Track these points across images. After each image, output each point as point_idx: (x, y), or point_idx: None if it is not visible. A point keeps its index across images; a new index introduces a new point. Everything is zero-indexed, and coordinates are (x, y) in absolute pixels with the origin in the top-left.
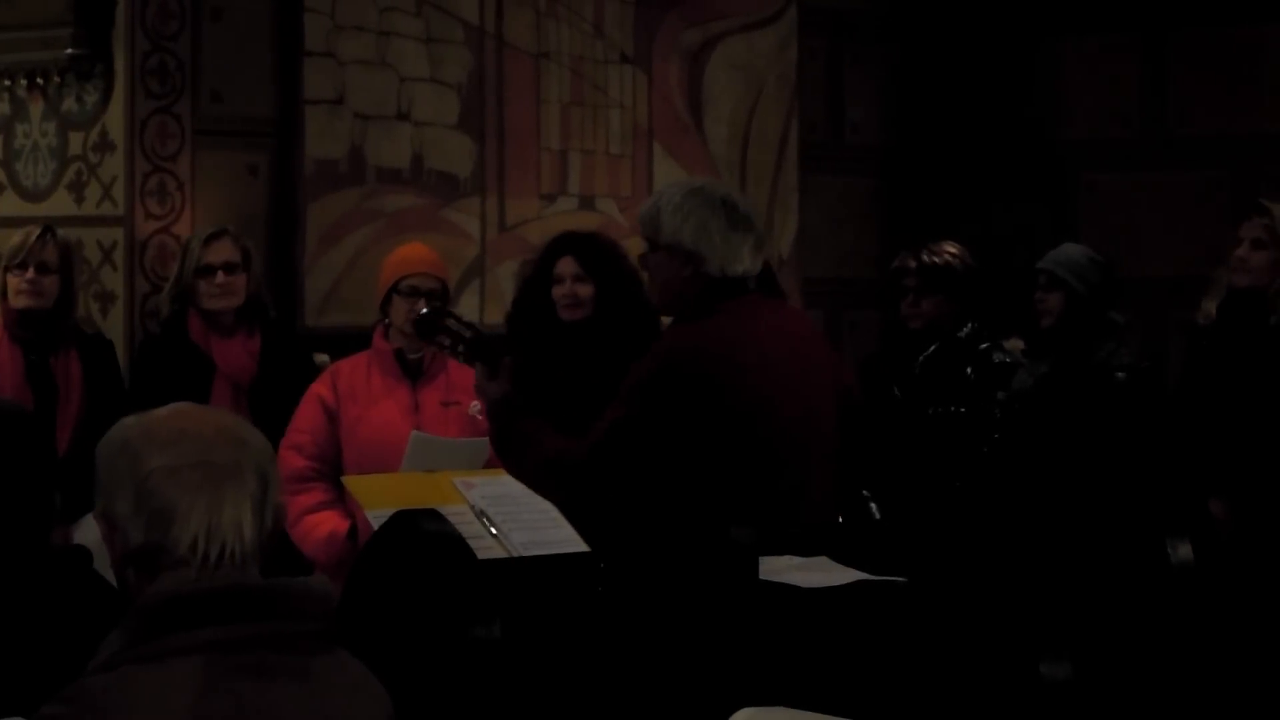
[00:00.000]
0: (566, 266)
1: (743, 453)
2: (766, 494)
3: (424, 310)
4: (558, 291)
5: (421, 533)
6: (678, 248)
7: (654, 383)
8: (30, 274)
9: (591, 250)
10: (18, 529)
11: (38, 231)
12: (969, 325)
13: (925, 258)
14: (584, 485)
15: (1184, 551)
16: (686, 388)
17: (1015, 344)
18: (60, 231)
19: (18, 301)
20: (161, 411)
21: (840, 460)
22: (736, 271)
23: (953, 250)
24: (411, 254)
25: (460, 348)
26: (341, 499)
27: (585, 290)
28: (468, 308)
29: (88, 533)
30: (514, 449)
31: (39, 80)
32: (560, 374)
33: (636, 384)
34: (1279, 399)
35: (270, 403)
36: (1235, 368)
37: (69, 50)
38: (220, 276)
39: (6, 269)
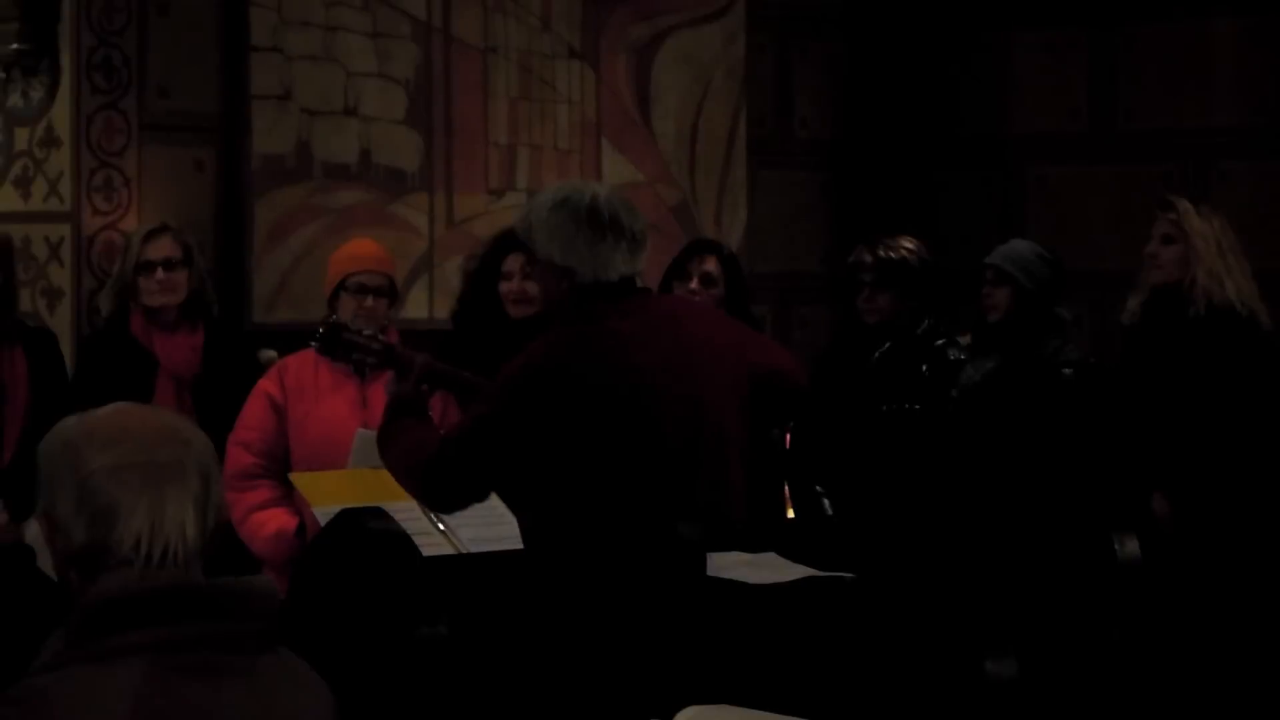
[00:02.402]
0: (514, 263)
1: (616, 452)
2: (653, 491)
3: (320, 330)
4: (505, 288)
5: (366, 531)
6: (550, 262)
7: (519, 383)
8: None
9: None
10: None
11: None
12: (925, 321)
13: (882, 252)
14: (428, 476)
15: (1130, 547)
16: (548, 393)
17: (969, 340)
18: None
19: None
20: (103, 411)
21: (747, 450)
22: (611, 278)
23: (909, 245)
24: (359, 250)
25: (370, 360)
26: (289, 496)
27: (533, 287)
28: (416, 303)
29: (37, 531)
30: (385, 440)
31: None
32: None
33: (502, 384)
34: (1206, 391)
35: (214, 398)
36: (1161, 364)
37: (14, 45)
38: (160, 273)
39: None
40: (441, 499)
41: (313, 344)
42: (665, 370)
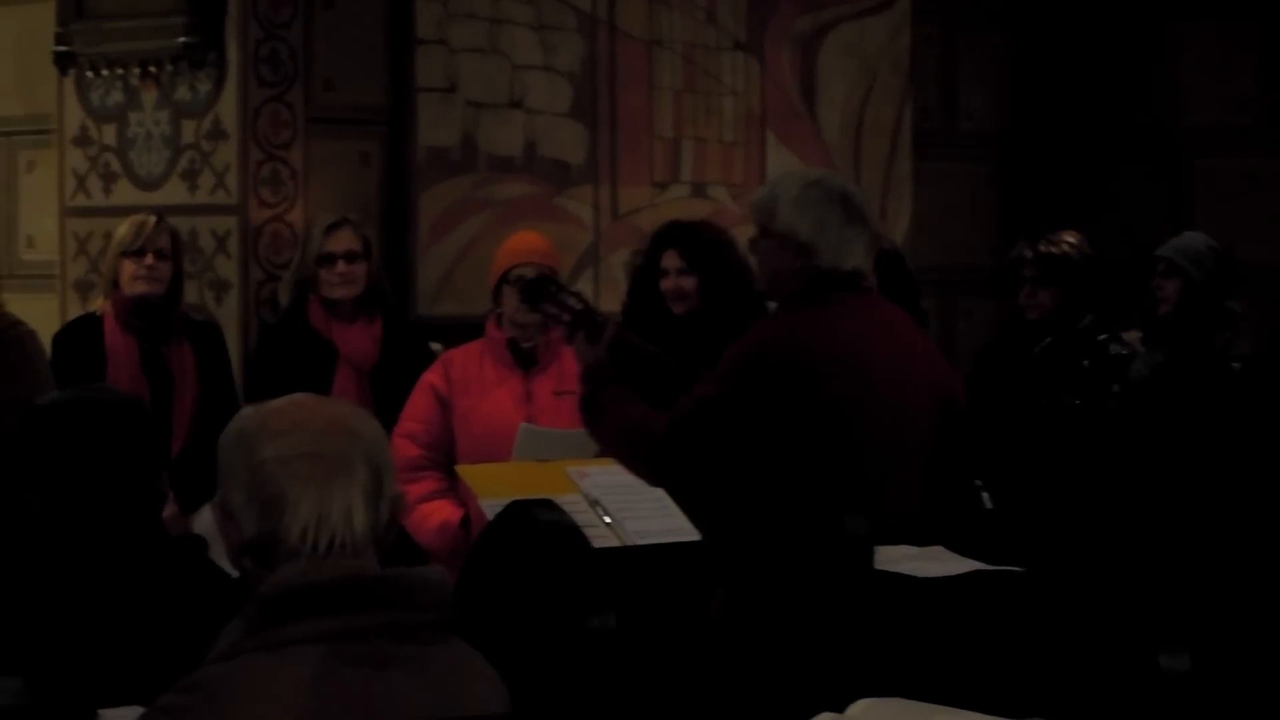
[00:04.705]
0: (670, 260)
1: (829, 444)
2: (852, 487)
3: (528, 277)
4: (664, 285)
5: (537, 522)
6: (791, 238)
7: (747, 366)
8: (149, 260)
9: (694, 242)
10: (130, 516)
11: (153, 219)
12: (1087, 317)
13: (1043, 248)
14: (658, 457)
15: None
16: (778, 375)
17: (1134, 336)
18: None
19: (134, 288)
20: (279, 402)
21: (938, 460)
22: (847, 266)
23: (1071, 240)
24: (521, 243)
25: (566, 317)
26: (454, 488)
27: (689, 283)
28: None
29: (205, 522)
30: (596, 413)
31: (152, 69)
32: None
33: (730, 365)
34: None
35: (392, 387)
36: None
37: (182, 39)
38: (341, 265)
39: (121, 255)
40: (670, 479)
41: (519, 291)
42: (881, 369)
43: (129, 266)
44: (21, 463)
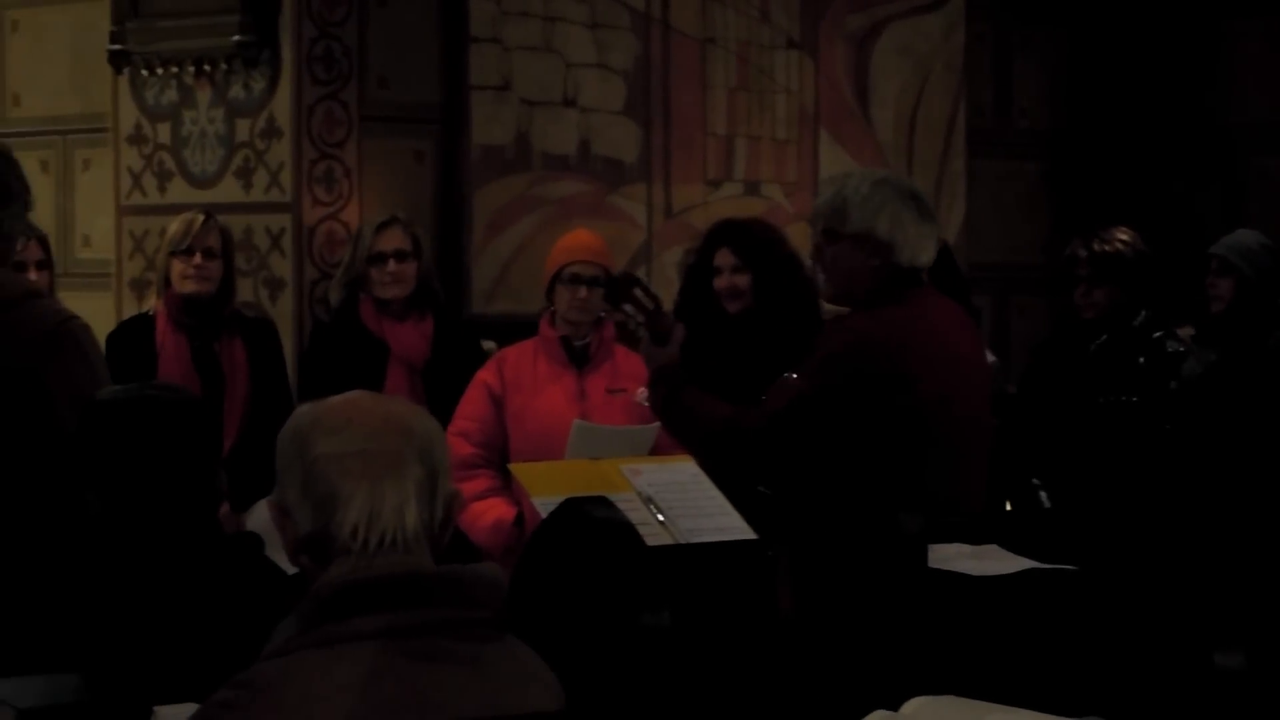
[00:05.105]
0: (724, 258)
1: (916, 442)
2: (932, 486)
3: (616, 275)
4: (718, 283)
5: (591, 519)
6: (869, 237)
7: (843, 361)
8: (197, 259)
9: (747, 240)
10: (187, 514)
11: (201, 217)
12: (1142, 313)
13: (1097, 246)
14: (759, 453)
15: None
16: (874, 372)
17: (1187, 332)
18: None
19: (184, 287)
20: (335, 399)
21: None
22: (921, 262)
23: (1124, 237)
24: (575, 242)
25: (641, 317)
26: (507, 486)
27: (743, 280)
28: None
29: (259, 519)
30: (679, 414)
31: (206, 67)
32: (725, 365)
33: (825, 360)
34: None
35: (444, 385)
36: None
37: (236, 38)
38: (391, 264)
39: (170, 255)
40: (767, 474)
41: (606, 286)
42: (961, 364)
43: (178, 265)
44: (80, 459)
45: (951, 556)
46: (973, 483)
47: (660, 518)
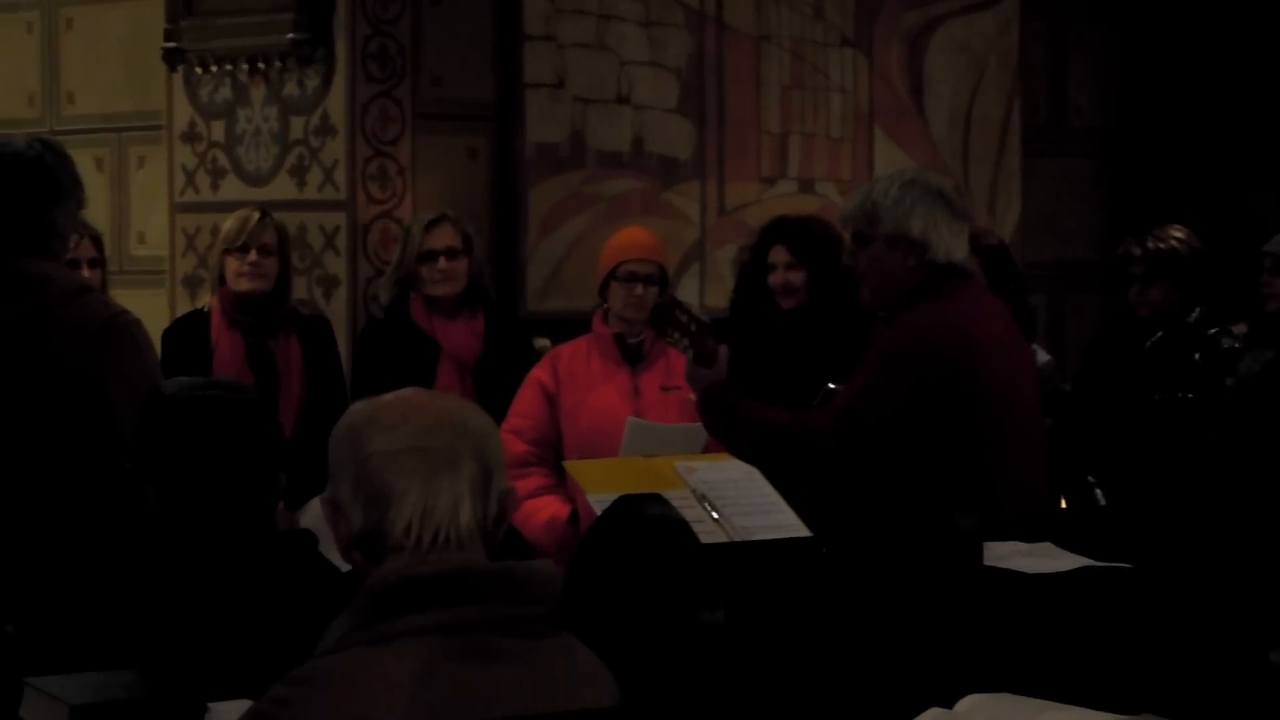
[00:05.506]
0: (778, 255)
1: (980, 434)
2: (991, 480)
3: (660, 301)
4: (772, 280)
5: (645, 516)
6: (902, 238)
7: (905, 355)
8: (253, 256)
9: (802, 237)
10: (245, 513)
11: (256, 214)
12: (1197, 310)
13: (1151, 244)
14: (831, 452)
15: None
16: (937, 366)
17: (1242, 330)
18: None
19: (240, 284)
20: (389, 396)
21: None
22: (957, 258)
23: (1179, 235)
24: (630, 239)
25: (686, 341)
26: (561, 484)
27: (797, 277)
28: (688, 291)
29: (312, 516)
30: (738, 428)
31: (260, 65)
32: (778, 362)
33: (887, 356)
34: None
35: (495, 383)
36: None
37: (290, 35)
38: (442, 262)
39: (225, 252)
40: (840, 474)
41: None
42: (1014, 354)
43: (233, 263)
44: (142, 452)
45: (1006, 554)
46: (1033, 479)
47: (715, 515)
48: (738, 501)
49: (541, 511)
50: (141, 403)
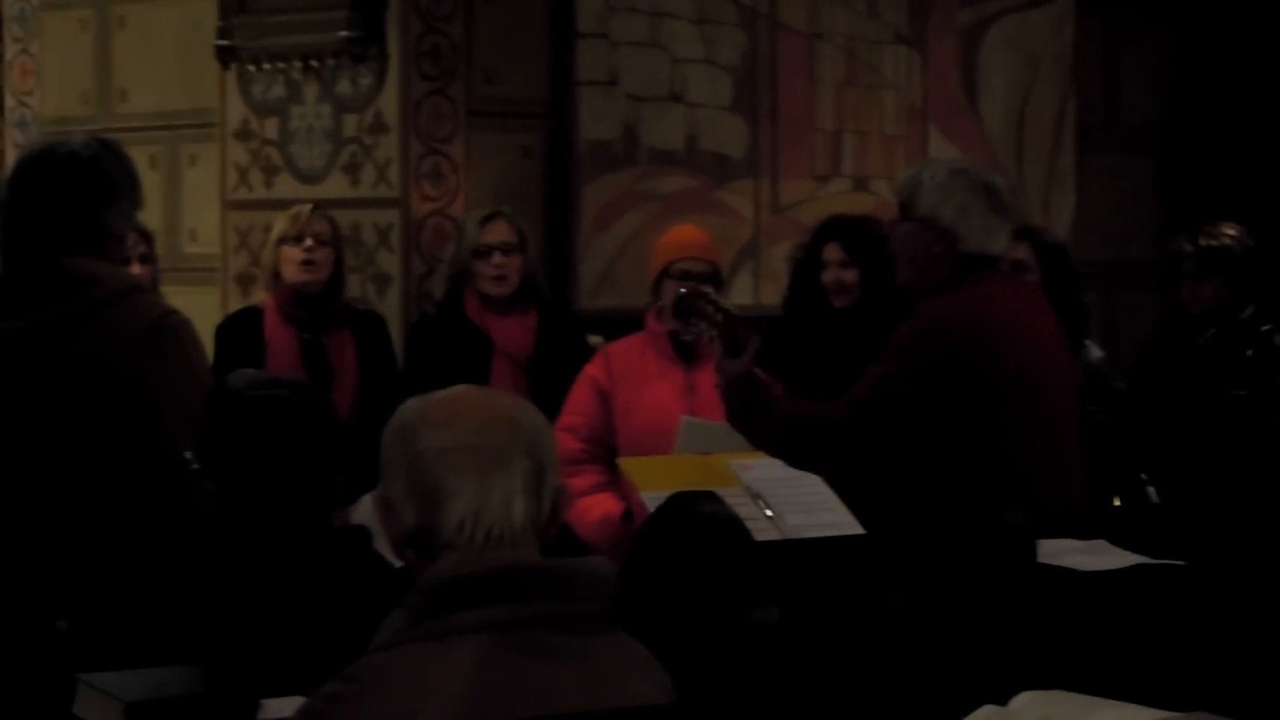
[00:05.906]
0: (832, 252)
1: (1003, 422)
2: (1014, 467)
3: (682, 290)
4: (825, 278)
5: (699, 514)
6: (933, 223)
7: (922, 345)
8: (308, 243)
9: (856, 235)
10: (303, 510)
11: (309, 207)
12: (1250, 307)
13: (1203, 241)
14: (845, 441)
15: None
16: (951, 351)
17: None
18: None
19: (295, 275)
20: (442, 393)
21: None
22: (991, 251)
23: (1231, 232)
24: (683, 237)
25: (712, 331)
26: (615, 481)
27: (850, 276)
28: (741, 289)
29: (365, 512)
30: (758, 417)
31: (314, 63)
32: (832, 359)
33: (902, 345)
34: None
35: (549, 380)
36: None
37: (343, 33)
38: (497, 257)
39: (280, 243)
40: (854, 462)
41: (671, 304)
42: (1046, 344)
43: (289, 253)
44: (204, 446)
45: (1060, 551)
46: (1066, 470)
47: (768, 513)
48: (791, 499)
49: (595, 509)
50: (206, 398)
